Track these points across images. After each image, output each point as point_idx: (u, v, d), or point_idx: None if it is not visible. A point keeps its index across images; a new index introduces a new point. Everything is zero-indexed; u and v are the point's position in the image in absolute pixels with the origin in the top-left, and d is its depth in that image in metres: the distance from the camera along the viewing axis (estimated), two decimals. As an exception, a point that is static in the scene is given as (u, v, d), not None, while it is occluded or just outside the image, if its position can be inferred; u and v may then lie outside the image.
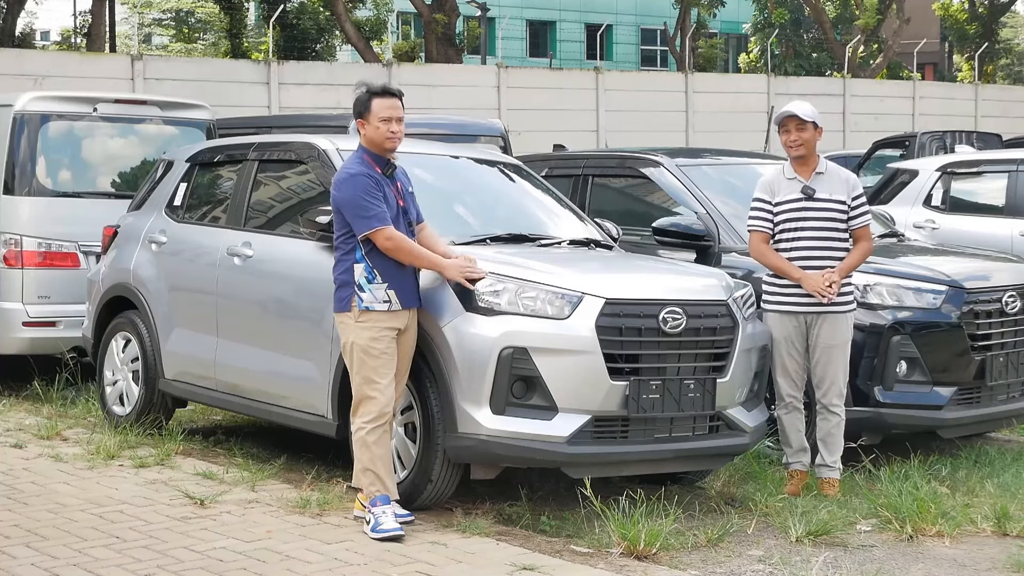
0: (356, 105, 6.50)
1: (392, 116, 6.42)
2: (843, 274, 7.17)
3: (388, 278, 6.32)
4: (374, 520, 6.19)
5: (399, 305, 6.34)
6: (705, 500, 7.09)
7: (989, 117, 32.99)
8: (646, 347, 6.50)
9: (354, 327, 6.32)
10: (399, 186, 6.52)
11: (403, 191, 6.53)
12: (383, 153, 6.47)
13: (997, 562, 6.05)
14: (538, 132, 24.60)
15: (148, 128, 10.73)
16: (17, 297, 9.93)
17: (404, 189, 6.55)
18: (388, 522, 6.15)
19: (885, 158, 19.63)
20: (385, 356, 6.31)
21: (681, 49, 36.62)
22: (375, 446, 6.29)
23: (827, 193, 7.22)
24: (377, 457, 6.29)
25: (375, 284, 6.32)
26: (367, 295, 6.31)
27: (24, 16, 36.41)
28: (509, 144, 12.21)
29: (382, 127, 6.41)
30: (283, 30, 32.46)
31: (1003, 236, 11.69)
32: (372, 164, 6.44)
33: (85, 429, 8.60)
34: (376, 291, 6.32)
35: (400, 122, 6.45)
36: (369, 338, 6.30)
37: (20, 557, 5.73)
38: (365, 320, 6.31)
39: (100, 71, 22.64)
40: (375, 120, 6.43)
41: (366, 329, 6.30)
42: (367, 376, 6.30)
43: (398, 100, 6.51)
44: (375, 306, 6.30)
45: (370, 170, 6.40)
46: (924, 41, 39.18)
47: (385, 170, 6.46)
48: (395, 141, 6.45)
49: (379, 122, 6.42)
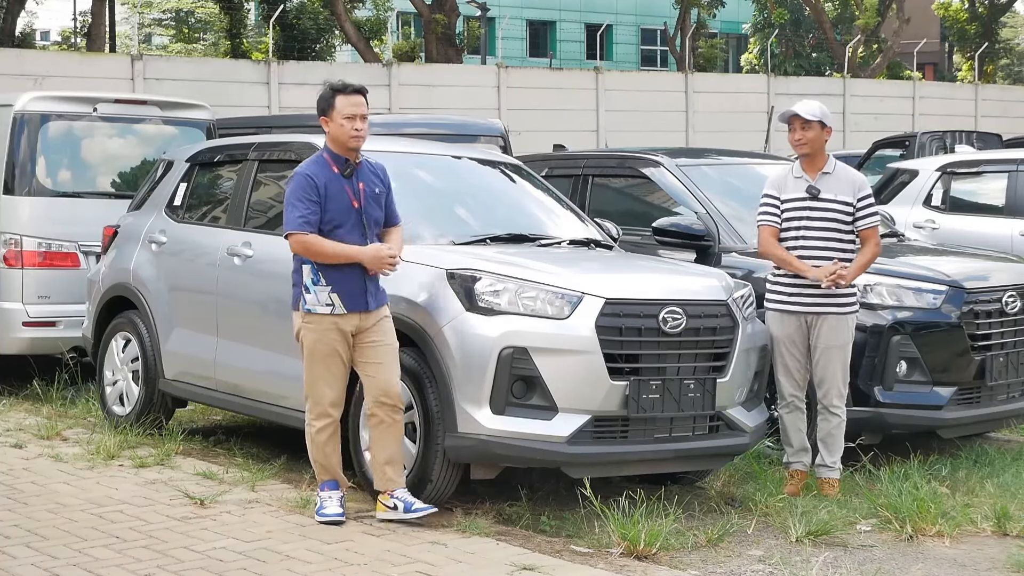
0: (320, 103, 6.46)
1: (356, 113, 6.37)
2: (856, 273, 7.15)
3: (331, 281, 6.32)
4: (320, 503, 6.41)
5: (343, 309, 6.33)
6: (705, 500, 7.09)
7: (989, 117, 32.97)
8: (646, 347, 6.50)
9: (302, 327, 6.41)
10: (361, 186, 6.43)
11: (366, 191, 6.43)
12: (345, 152, 6.42)
13: (997, 562, 6.05)
14: (538, 132, 24.59)
15: (148, 128, 10.73)
16: (17, 297, 9.93)
17: (368, 190, 6.45)
18: (332, 507, 6.38)
19: (885, 158, 19.61)
20: (330, 358, 6.37)
21: (681, 49, 36.61)
22: (325, 444, 6.46)
23: (832, 193, 7.22)
24: (326, 451, 6.46)
25: (319, 286, 6.34)
26: (311, 296, 6.35)
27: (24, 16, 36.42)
28: (509, 144, 12.20)
29: (346, 125, 6.36)
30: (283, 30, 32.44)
31: (1003, 236, 11.69)
32: (330, 164, 6.41)
33: (85, 429, 8.60)
34: (320, 293, 6.34)
35: (364, 120, 6.40)
36: (313, 340, 6.37)
37: (20, 557, 5.73)
38: (310, 322, 6.38)
39: (100, 71, 22.64)
40: (338, 118, 6.38)
41: (310, 331, 6.37)
42: (312, 376, 6.43)
43: (362, 97, 6.46)
44: (317, 308, 6.34)
45: (323, 170, 6.38)
46: (924, 41, 39.17)
47: (344, 170, 6.40)
48: (358, 140, 6.40)
49: (342, 119, 6.37)
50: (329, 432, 6.46)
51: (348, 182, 6.41)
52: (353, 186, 6.41)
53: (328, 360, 6.38)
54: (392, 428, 6.39)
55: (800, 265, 7.15)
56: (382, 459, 6.40)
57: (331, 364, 6.38)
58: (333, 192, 6.35)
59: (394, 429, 6.40)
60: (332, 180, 6.37)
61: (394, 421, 6.39)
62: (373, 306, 6.40)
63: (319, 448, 6.47)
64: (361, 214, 6.39)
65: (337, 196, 6.36)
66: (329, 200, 6.34)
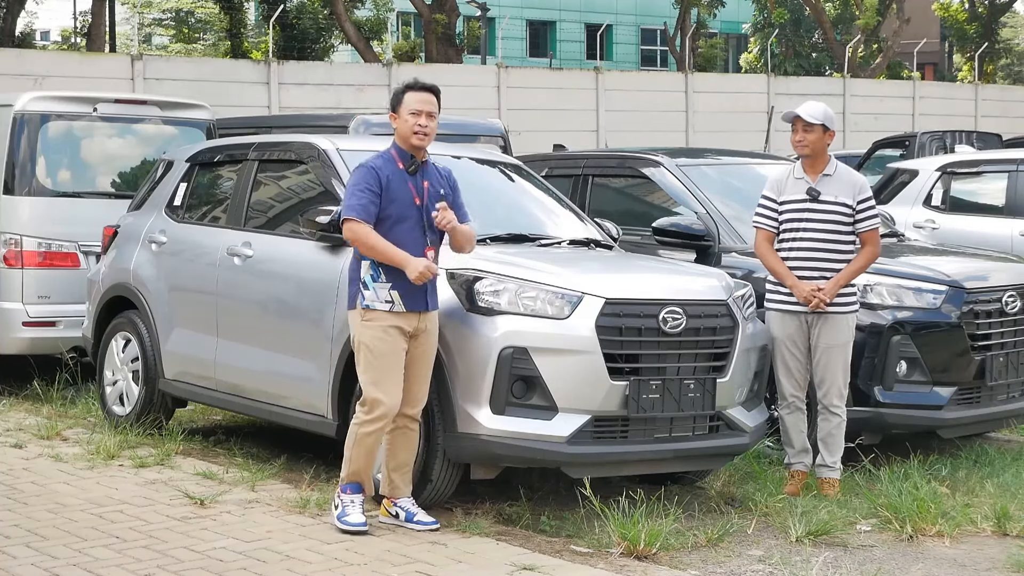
0: (392, 99, 6.49)
1: (422, 109, 6.37)
2: (841, 283, 7.15)
3: (392, 278, 6.26)
4: (341, 508, 6.28)
5: (402, 307, 6.27)
6: (705, 500, 7.09)
7: (989, 117, 32.97)
8: (646, 347, 6.50)
9: (360, 325, 6.30)
10: (425, 185, 6.41)
11: (430, 190, 6.41)
12: (410, 148, 6.41)
13: (997, 562, 6.05)
14: (538, 132, 24.59)
15: (148, 128, 10.73)
16: (17, 297, 9.93)
17: (432, 189, 6.43)
18: (355, 516, 6.24)
19: (885, 158, 19.62)
20: (390, 356, 6.25)
21: (681, 49, 36.61)
22: (372, 446, 6.29)
23: (832, 196, 7.22)
24: (368, 452, 6.29)
25: (379, 283, 6.29)
26: (370, 293, 6.28)
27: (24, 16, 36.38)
28: (509, 144, 12.20)
29: (410, 119, 6.36)
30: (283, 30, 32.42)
31: (1003, 236, 11.69)
32: (396, 159, 6.40)
33: (85, 429, 8.60)
34: (379, 290, 6.28)
35: (431, 117, 6.39)
36: (372, 336, 6.26)
37: (20, 557, 5.73)
38: (369, 318, 6.27)
39: (100, 71, 22.64)
40: (404, 112, 6.39)
41: (369, 328, 6.27)
42: (372, 376, 6.26)
43: (432, 95, 6.45)
44: (376, 305, 6.26)
45: (388, 164, 6.36)
46: (924, 41, 39.17)
47: (408, 166, 6.40)
48: (422, 136, 6.37)
49: (408, 114, 6.38)
50: (378, 435, 6.28)
51: (412, 179, 6.38)
52: (417, 184, 6.39)
53: (388, 359, 6.24)
54: (409, 436, 6.37)
55: (788, 280, 7.16)
56: (392, 465, 6.38)
57: (391, 363, 6.24)
58: (396, 187, 6.32)
59: (410, 438, 6.38)
60: (396, 175, 6.35)
61: (411, 431, 6.37)
62: (432, 306, 6.35)
63: (364, 449, 6.27)
64: (423, 212, 6.36)
65: (400, 191, 6.33)
66: (391, 194, 6.30)
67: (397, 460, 6.38)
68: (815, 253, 7.19)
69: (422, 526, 6.27)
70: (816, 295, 7.09)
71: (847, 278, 7.17)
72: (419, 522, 6.29)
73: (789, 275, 7.19)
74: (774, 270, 7.26)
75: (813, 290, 7.10)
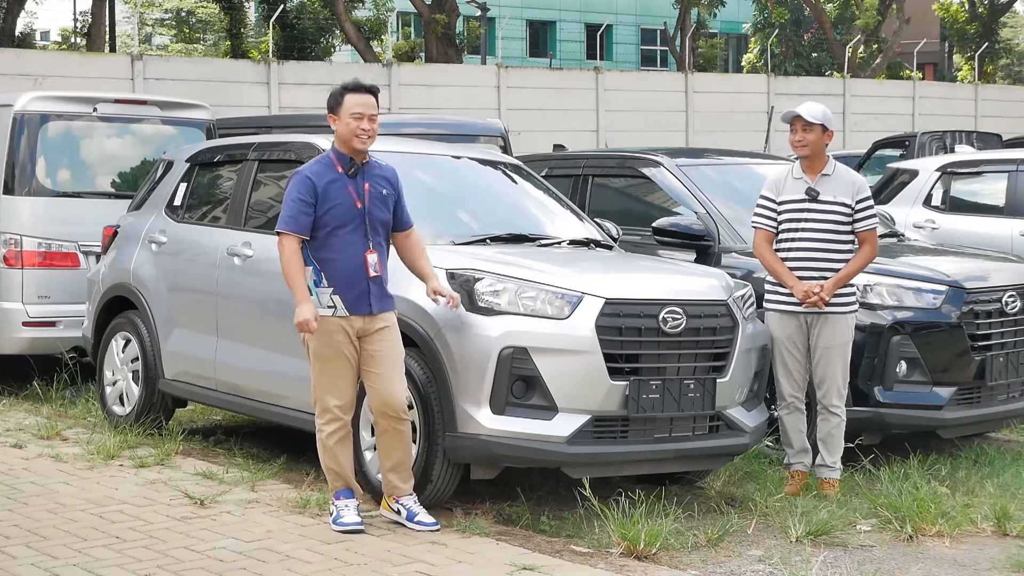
0: (329, 100, 6.37)
1: (364, 113, 6.27)
2: (839, 284, 7.15)
3: (334, 283, 6.23)
4: (336, 512, 6.28)
5: (345, 311, 6.23)
6: (705, 500, 7.09)
7: (989, 117, 32.95)
8: (646, 347, 6.50)
9: None
10: (366, 187, 6.32)
11: (371, 192, 6.33)
12: (351, 152, 6.32)
13: (997, 562, 6.05)
14: (538, 132, 24.58)
15: (148, 128, 10.73)
16: (17, 297, 9.93)
17: (374, 191, 6.34)
18: (349, 516, 6.24)
19: (885, 158, 19.62)
20: (336, 361, 6.25)
21: (681, 49, 36.59)
22: (336, 448, 6.33)
23: (831, 196, 7.22)
24: (338, 456, 6.32)
25: (321, 288, 6.26)
26: (313, 298, 6.23)
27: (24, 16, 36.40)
28: (509, 144, 12.20)
29: (352, 123, 6.26)
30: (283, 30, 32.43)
31: (1003, 236, 11.69)
32: (335, 163, 6.32)
33: (85, 429, 8.60)
34: (321, 295, 6.25)
35: (373, 120, 6.29)
36: (318, 342, 6.26)
37: (20, 557, 5.73)
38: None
39: (100, 71, 22.63)
40: (345, 116, 6.28)
41: (317, 333, 6.23)
42: (320, 380, 6.31)
43: (372, 97, 6.36)
44: (319, 310, 6.20)
45: (327, 170, 6.29)
46: (924, 41, 39.14)
47: (348, 169, 6.32)
48: (364, 139, 6.28)
49: (349, 118, 6.27)
50: (340, 436, 6.32)
51: (352, 182, 6.30)
52: (358, 187, 6.31)
53: (335, 363, 6.26)
54: (396, 437, 6.34)
55: (788, 280, 7.16)
56: (387, 466, 6.38)
57: (338, 367, 6.27)
58: (335, 193, 6.26)
59: (398, 438, 6.35)
60: (335, 180, 6.28)
61: (398, 431, 6.33)
62: (377, 309, 6.28)
63: (331, 454, 6.33)
64: (365, 215, 6.28)
65: (339, 196, 6.26)
66: (329, 201, 6.24)
67: (391, 461, 6.37)
68: (814, 253, 7.19)
69: (423, 527, 6.26)
70: (815, 294, 7.09)
71: (846, 278, 7.17)
72: (420, 522, 6.28)
73: (788, 274, 7.19)
74: (773, 270, 7.27)
75: (811, 289, 7.10)
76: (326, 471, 6.39)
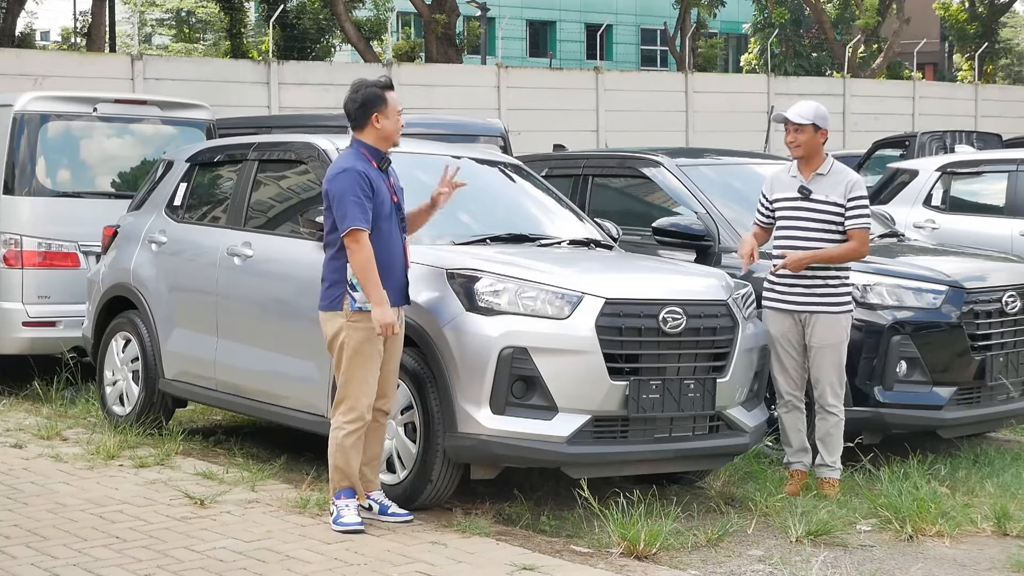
0: (370, 100, 6.38)
1: (401, 108, 6.50)
2: (812, 260, 7.12)
3: (381, 276, 6.24)
4: (337, 512, 6.28)
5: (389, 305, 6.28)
6: (705, 500, 7.09)
7: (989, 117, 32.96)
8: (646, 347, 6.50)
9: (346, 327, 6.26)
10: (392, 181, 6.47)
11: (395, 186, 6.49)
12: (388, 147, 6.45)
13: (997, 562, 6.05)
14: (538, 132, 24.58)
15: (148, 128, 10.73)
16: (17, 297, 9.93)
17: (397, 184, 6.52)
18: (350, 516, 6.24)
19: (885, 158, 19.64)
20: (375, 359, 6.29)
21: (681, 49, 36.59)
22: (351, 448, 6.30)
23: (824, 194, 7.23)
24: (351, 457, 6.31)
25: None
26: (360, 295, 6.23)
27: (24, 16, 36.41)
28: (509, 144, 12.20)
29: (399, 120, 6.45)
30: (283, 30, 32.43)
31: (1003, 236, 11.69)
32: (369, 159, 6.38)
33: (85, 429, 8.60)
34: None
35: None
36: (361, 339, 6.24)
37: (20, 557, 5.73)
38: (358, 320, 6.23)
39: (100, 71, 22.63)
40: (393, 113, 6.42)
41: (358, 330, 6.23)
42: (356, 376, 6.26)
43: None
44: (368, 306, 6.22)
45: (366, 166, 6.34)
46: (924, 41, 39.16)
47: (381, 164, 6.42)
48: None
49: (396, 115, 6.43)
50: (358, 436, 6.30)
51: (384, 176, 6.43)
52: (388, 180, 6.45)
53: (374, 361, 6.27)
54: (379, 432, 6.43)
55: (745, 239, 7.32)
56: (364, 460, 6.39)
57: (374, 365, 6.27)
58: (379, 187, 6.34)
59: (379, 432, 6.44)
60: (375, 175, 6.36)
61: (382, 424, 6.43)
62: (406, 301, 6.43)
63: (345, 453, 6.28)
64: (398, 208, 6.43)
65: (381, 191, 6.35)
66: (376, 195, 6.32)
67: (368, 454, 6.40)
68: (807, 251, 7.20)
69: (396, 518, 6.34)
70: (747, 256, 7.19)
71: (821, 258, 7.14)
72: (393, 514, 6.36)
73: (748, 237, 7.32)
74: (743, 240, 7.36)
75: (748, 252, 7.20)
76: (333, 469, 6.35)
